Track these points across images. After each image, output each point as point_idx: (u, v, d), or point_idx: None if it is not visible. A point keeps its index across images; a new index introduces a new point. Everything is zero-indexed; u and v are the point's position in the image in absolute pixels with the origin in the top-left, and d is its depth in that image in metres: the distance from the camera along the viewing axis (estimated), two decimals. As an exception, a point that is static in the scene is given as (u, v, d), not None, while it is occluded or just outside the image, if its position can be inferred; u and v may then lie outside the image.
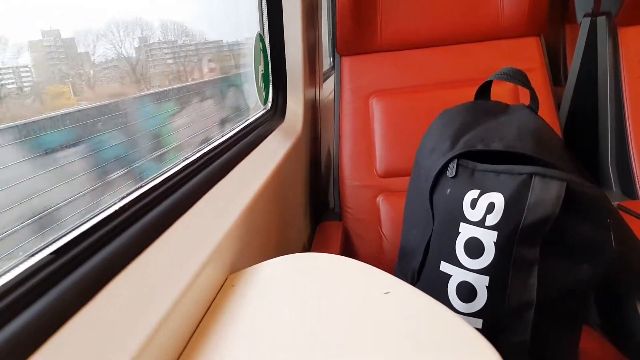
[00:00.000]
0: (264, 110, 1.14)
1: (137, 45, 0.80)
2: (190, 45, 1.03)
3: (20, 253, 0.39)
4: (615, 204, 1.03)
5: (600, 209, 0.59)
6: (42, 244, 0.41)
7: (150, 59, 0.86)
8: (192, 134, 0.96)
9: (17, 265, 0.37)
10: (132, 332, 0.37)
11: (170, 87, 0.94)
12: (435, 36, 1.19)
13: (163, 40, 0.90)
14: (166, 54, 0.93)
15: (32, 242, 0.42)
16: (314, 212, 1.28)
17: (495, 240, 0.60)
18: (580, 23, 1.30)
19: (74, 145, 0.61)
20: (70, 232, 0.44)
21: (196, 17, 1.02)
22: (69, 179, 0.61)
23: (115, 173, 0.68)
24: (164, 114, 0.90)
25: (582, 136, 1.28)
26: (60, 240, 0.42)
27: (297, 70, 1.14)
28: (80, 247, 0.42)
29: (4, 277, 0.35)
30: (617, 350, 0.72)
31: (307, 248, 1.13)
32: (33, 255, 0.39)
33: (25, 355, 0.31)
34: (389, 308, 0.46)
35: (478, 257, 0.62)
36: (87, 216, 0.47)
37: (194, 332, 0.46)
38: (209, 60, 1.11)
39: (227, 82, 1.23)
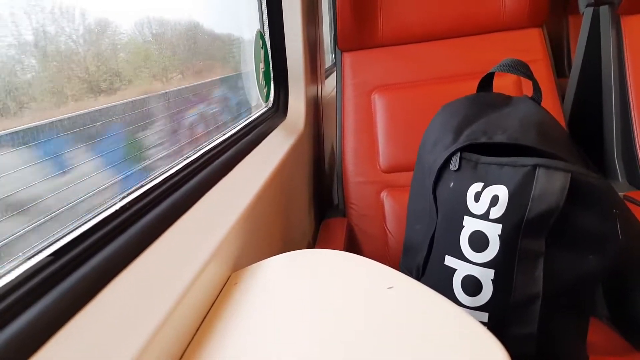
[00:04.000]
0: (266, 108, 1.13)
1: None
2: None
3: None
4: (621, 194, 1.02)
5: (606, 200, 0.58)
6: (41, 246, 0.41)
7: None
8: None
9: (16, 267, 0.37)
10: (134, 330, 0.37)
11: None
12: (437, 30, 1.18)
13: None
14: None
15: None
16: (318, 209, 1.28)
17: (499, 233, 0.60)
18: (583, 13, 1.29)
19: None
20: (69, 232, 0.44)
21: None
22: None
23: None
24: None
25: (587, 127, 1.26)
26: (60, 241, 0.42)
27: (298, 67, 1.14)
28: (81, 248, 0.42)
29: (3, 278, 0.35)
30: (626, 341, 0.71)
31: (312, 245, 1.13)
32: (32, 257, 0.39)
33: (25, 357, 0.31)
34: (393, 303, 0.45)
35: (483, 251, 0.61)
36: (87, 216, 0.47)
37: (197, 330, 0.46)
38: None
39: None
